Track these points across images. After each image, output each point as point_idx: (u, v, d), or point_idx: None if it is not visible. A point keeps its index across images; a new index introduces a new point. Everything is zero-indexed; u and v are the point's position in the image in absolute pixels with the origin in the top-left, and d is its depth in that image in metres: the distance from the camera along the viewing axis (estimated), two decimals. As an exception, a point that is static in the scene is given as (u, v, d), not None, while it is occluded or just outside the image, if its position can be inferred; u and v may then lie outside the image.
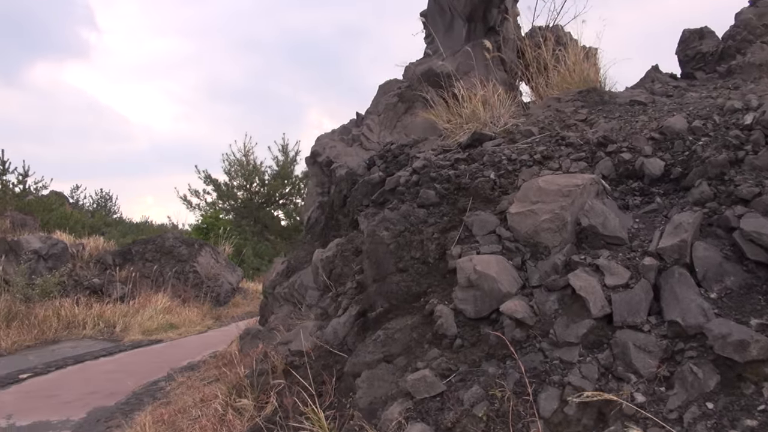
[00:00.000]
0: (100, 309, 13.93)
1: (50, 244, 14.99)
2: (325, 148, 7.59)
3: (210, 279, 17.40)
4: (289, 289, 7.36)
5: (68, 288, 14.32)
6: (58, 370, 9.81)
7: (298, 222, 29.72)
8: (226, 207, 29.63)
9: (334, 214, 7.38)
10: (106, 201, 40.18)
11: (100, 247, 17.23)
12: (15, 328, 12.20)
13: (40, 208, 26.28)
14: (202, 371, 8.43)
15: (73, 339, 12.72)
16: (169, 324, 13.52)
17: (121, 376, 9.00)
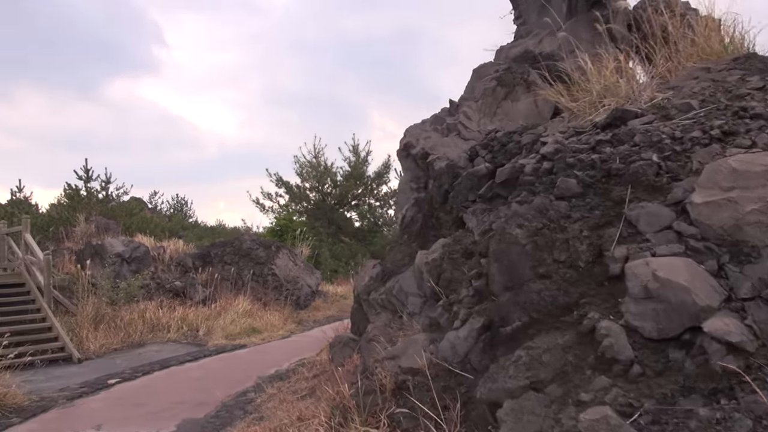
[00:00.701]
0: (183, 312, 13.80)
1: (133, 248, 15.03)
2: (418, 139, 6.92)
3: (289, 281, 17.09)
4: (387, 295, 6.73)
5: (151, 291, 14.28)
6: (145, 375, 9.58)
7: (372, 223, 29.32)
8: (299, 209, 29.54)
9: (434, 212, 6.69)
10: (182, 206, 41.18)
11: (180, 249, 17.24)
12: (102, 331, 12.18)
13: (122, 213, 26.96)
14: (292, 382, 7.93)
15: (158, 342, 12.61)
16: (251, 328, 13.22)
17: (208, 385, 8.63)
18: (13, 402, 7.46)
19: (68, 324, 12.05)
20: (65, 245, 17.13)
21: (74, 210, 26.35)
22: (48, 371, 9.89)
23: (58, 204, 29.92)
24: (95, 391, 8.51)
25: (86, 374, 9.67)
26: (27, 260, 12.83)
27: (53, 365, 10.46)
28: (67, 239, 17.95)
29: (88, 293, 12.86)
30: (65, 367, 10.33)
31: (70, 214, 25.64)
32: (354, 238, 29.74)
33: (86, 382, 9.00)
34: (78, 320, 12.20)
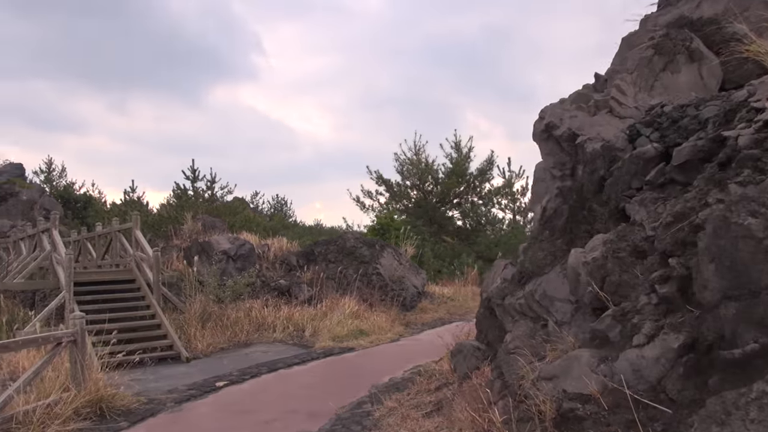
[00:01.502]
0: (289, 311, 13.39)
1: (238, 245, 14.84)
2: (562, 118, 5.90)
3: (394, 281, 16.38)
4: (526, 300, 5.75)
5: (257, 289, 14.00)
6: (253, 378, 9.10)
7: (475, 222, 28.18)
8: (400, 208, 28.90)
9: (585, 203, 5.63)
10: (282, 205, 41.83)
11: (284, 247, 16.96)
12: (209, 330, 11.94)
13: (227, 211, 27.45)
14: (412, 394, 7.10)
15: (264, 342, 12.23)
16: (358, 330, 12.57)
17: (319, 393, 7.98)
18: (121, 404, 7.12)
19: (176, 322, 11.89)
20: (173, 243, 17.33)
21: (182, 209, 27.08)
22: (157, 370, 9.65)
23: (167, 204, 31.07)
24: (203, 394, 8.08)
25: (194, 375, 9.33)
26: (137, 257, 12.86)
27: (162, 364, 10.24)
28: (176, 237, 18.18)
29: (196, 291, 12.71)
30: (174, 367, 10.08)
31: (178, 213, 26.33)
32: (456, 237, 28.74)
33: (194, 384, 8.62)
34: (186, 318, 12.03)
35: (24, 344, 6.17)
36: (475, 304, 18.06)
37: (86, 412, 6.64)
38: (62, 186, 35.45)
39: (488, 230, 28.51)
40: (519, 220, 28.78)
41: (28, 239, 14.50)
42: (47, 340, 6.52)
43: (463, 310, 17.14)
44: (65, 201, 31.39)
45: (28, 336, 6.36)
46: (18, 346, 6.16)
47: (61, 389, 6.79)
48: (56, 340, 6.62)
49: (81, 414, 6.58)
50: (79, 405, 6.57)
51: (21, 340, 6.09)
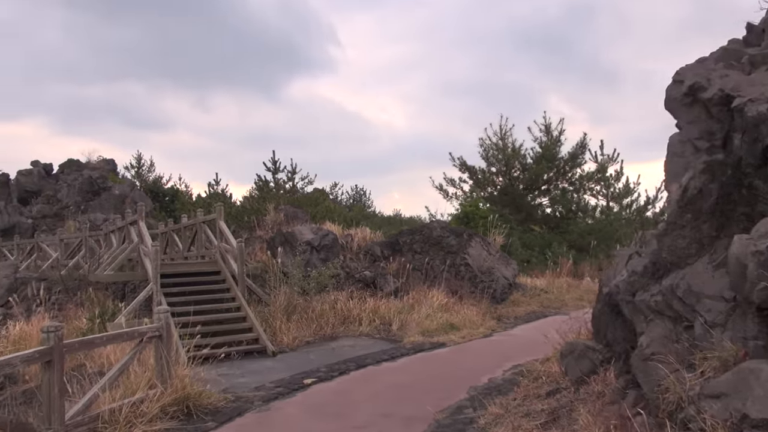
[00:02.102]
0: (374, 304, 12.83)
1: (321, 235, 14.44)
2: (710, 79, 4.93)
3: (483, 272, 15.54)
4: (665, 296, 4.85)
5: (341, 280, 13.54)
6: (342, 375, 8.58)
7: (567, 209, 26.75)
8: (484, 195, 27.86)
9: (743, 179, 4.66)
10: (361, 196, 41.70)
11: (367, 238, 16.44)
12: (295, 322, 11.58)
13: (308, 202, 27.37)
14: (519, 399, 6.33)
15: (350, 336, 11.75)
16: (448, 324, 11.87)
17: (413, 393, 7.34)
18: (208, 402, 6.75)
19: (261, 314, 11.60)
20: (256, 234, 17.22)
21: (264, 200, 27.25)
22: (243, 365, 9.33)
23: (249, 196, 31.46)
24: (291, 392, 7.62)
25: (281, 370, 8.93)
26: (222, 248, 12.68)
27: (248, 358, 9.93)
28: (258, 228, 18.09)
29: (280, 282, 12.39)
30: (260, 361, 9.75)
31: (260, 204, 26.50)
32: (544, 225, 27.44)
33: (281, 381, 8.19)
34: (271, 310, 11.71)
35: (108, 340, 5.88)
36: (571, 296, 17.07)
37: (173, 411, 6.30)
38: (151, 180, 36.66)
39: (579, 218, 27.04)
40: (613, 206, 27.14)
41: (118, 231, 14.69)
42: (131, 335, 6.21)
43: (558, 303, 16.10)
44: (154, 195, 32.36)
45: (112, 332, 6.06)
46: (102, 342, 5.87)
47: (148, 386, 6.49)
48: (140, 335, 6.31)
49: (168, 413, 6.24)
50: (166, 403, 6.23)
51: (105, 336, 5.79)
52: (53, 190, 29.32)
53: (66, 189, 29.07)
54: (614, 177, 26.69)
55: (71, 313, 12.22)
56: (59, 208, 28.48)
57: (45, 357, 4.95)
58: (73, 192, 28.79)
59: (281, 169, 30.98)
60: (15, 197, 28.66)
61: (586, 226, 25.40)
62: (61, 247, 18.67)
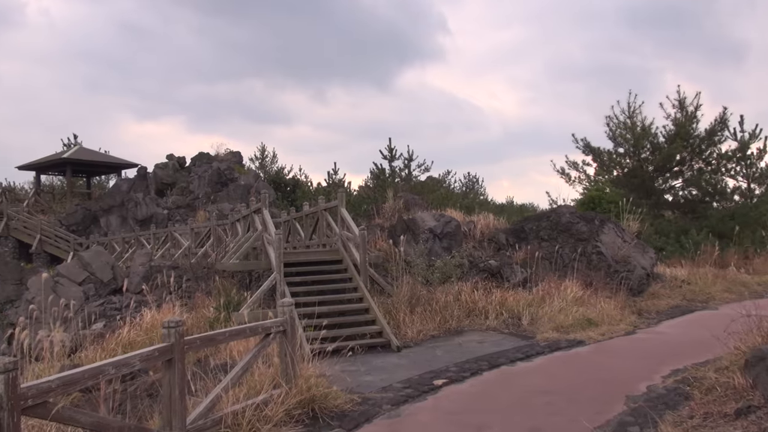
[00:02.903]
0: (501, 296, 12.01)
1: (444, 222, 13.78)
2: None
3: (618, 262, 14.20)
4: None
5: (465, 270, 12.82)
6: (474, 376, 7.89)
7: (704, 192, 24.27)
8: (609, 178, 25.90)
9: None
10: (473, 183, 40.61)
11: (491, 225, 15.59)
12: (418, 315, 11.02)
13: (424, 189, 26.87)
14: (698, 417, 5.31)
15: (477, 330, 11.04)
16: (585, 319, 10.81)
17: (559, 401, 6.51)
18: (334, 405, 6.31)
19: (384, 305, 11.16)
20: (375, 222, 16.89)
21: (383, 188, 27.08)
22: (367, 360, 8.90)
23: (365, 185, 31.46)
24: (421, 394, 7.04)
25: (408, 368, 8.40)
26: (343, 236, 12.37)
27: (371, 352, 9.51)
28: (377, 216, 17.77)
29: (402, 272, 11.89)
30: (384, 356, 9.28)
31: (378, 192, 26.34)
32: (677, 210, 25.10)
33: (410, 381, 7.64)
34: (393, 301, 11.25)
35: (231, 336, 5.59)
36: (717, 288, 15.23)
37: (298, 414, 5.92)
38: (274, 171, 37.76)
39: (717, 201, 24.46)
40: (754, 188, 24.26)
41: (243, 220, 14.88)
42: (255, 330, 5.89)
43: (704, 297, 14.47)
44: (276, 185, 33.24)
45: (235, 327, 5.77)
46: (225, 338, 5.58)
47: (272, 385, 6.16)
48: (264, 330, 5.98)
49: (293, 416, 5.87)
50: (291, 405, 5.86)
51: (227, 332, 5.50)
52: (186, 182, 30.91)
53: (197, 180, 30.53)
54: (756, 156, 23.84)
55: (199, 302, 12.44)
56: (191, 198, 29.96)
57: (165, 355, 4.68)
58: (203, 183, 30.17)
59: (397, 156, 30.75)
60: (152, 189, 30.51)
61: (726, 210, 22.86)
62: (192, 236, 19.42)
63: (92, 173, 35.84)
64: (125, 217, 28.06)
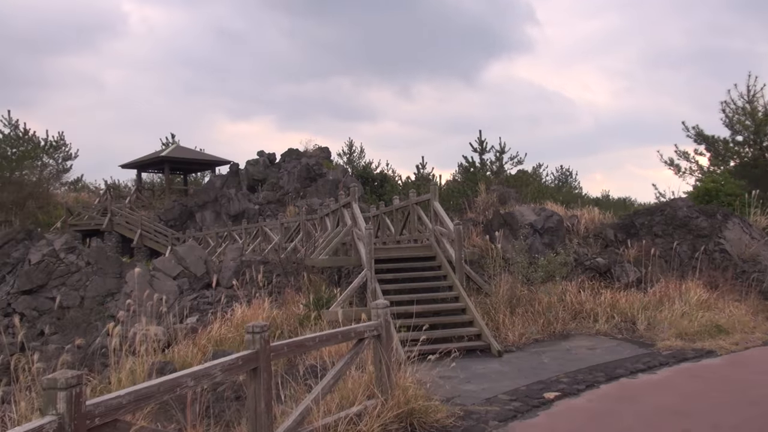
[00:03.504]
0: (611, 297, 10.91)
1: (545, 217, 12.76)
2: None
3: (746, 261, 12.63)
4: None
5: (569, 268, 11.76)
6: (589, 389, 6.97)
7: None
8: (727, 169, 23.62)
9: None
10: (567, 177, 38.72)
11: (595, 219, 14.37)
12: (519, 316, 10.16)
13: (517, 183, 25.70)
14: None
15: (585, 334, 10.03)
16: (714, 326, 9.54)
17: (700, 428, 5.51)
18: (435, 419, 5.62)
19: (481, 305, 10.37)
20: (467, 216, 16.07)
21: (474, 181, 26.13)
22: (466, 365, 8.14)
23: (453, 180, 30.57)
24: (531, 409, 6.22)
25: (512, 376, 7.59)
26: (437, 231, 11.65)
27: (470, 356, 8.75)
28: (469, 210, 16.96)
29: (501, 270, 11.03)
30: (484, 361, 8.50)
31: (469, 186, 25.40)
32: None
33: (516, 392, 6.84)
34: (492, 301, 10.42)
35: (321, 342, 5.01)
36: None
37: (395, 429, 5.28)
38: (361, 166, 37.57)
39: None
40: None
41: (332, 215, 14.48)
42: (347, 335, 5.30)
43: None
44: (364, 180, 33.00)
45: (326, 332, 5.19)
46: (315, 344, 5.01)
47: (366, 395, 5.56)
48: (357, 335, 5.38)
49: (389, 430, 5.23)
50: (387, 419, 5.23)
51: (318, 338, 4.92)
52: (276, 178, 31.23)
53: (286, 176, 30.76)
54: None
55: (289, 298, 12.13)
56: (281, 194, 30.22)
57: (249, 364, 4.16)
58: (292, 179, 30.35)
59: (488, 149, 29.63)
60: (244, 185, 31.03)
61: None
62: (282, 231, 19.33)
63: (188, 170, 37.05)
64: (219, 212, 28.65)
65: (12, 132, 28.77)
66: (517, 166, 29.10)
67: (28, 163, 27.93)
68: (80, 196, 32.32)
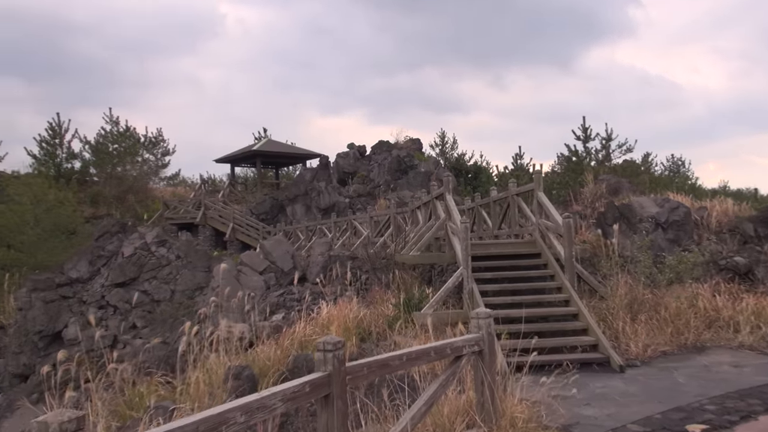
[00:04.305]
0: (755, 303, 9.19)
1: (669, 209, 11.10)
2: None
3: None
4: None
5: (702, 269, 10.10)
6: (745, 421, 5.54)
7: None
8: None
9: None
10: (678, 167, 35.55)
11: (729, 211, 12.45)
12: (642, 324, 8.70)
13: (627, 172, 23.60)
14: None
15: (724, 347, 8.44)
16: None
17: None
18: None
19: (596, 310, 8.99)
20: (573, 209, 14.54)
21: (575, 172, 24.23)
22: (582, 382, 6.86)
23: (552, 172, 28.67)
24: (677, 448, 4.93)
25: (641, 399, 6.26)
26: (542, 225, 10.35)
27: (585, 370, 7.45)
28: (575, 202, 15.41)
29: (617, 269, 9.58)
30: (604, 378, 7.18)
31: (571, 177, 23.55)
32: None
33: (649, 421, 5.53)
34: (608, 306, 9.02)
35: (409, 361, 3.99)
36: None
37: (502, 472, 4.18)
38: (454, 158, 36.29)
39: None
40: None
41: (423, 207, 13.45)
42: (442, 352, 4.25)
43: None
44: (457, 171, 31.76)
45: (415, 349, 4.13)
46: (401, 363, 3.98)
47: (465, 422, 4.49)
48: (454, 351, 4.32)
49: (495, 473, 4.14)
50: (492, 460, 4.14)
51: (404, 355, 3.91)
52: (366, 170, 30.64)
53: (377, 168, 30.07)
54: None
55: (378, 296, 11.23)
56: (371, 187, 29.59)
57: (320, 390, 3.22)
58: (383, 171, 29.62)
59: (592, 137, 27.54)
60: (335, 178, 30.66)
61: None
62: (371, 225, 18.54)
63: (280, 164, 37.24)
64: (309, 205, 28.38)
65: (113, 128, 29.87)
66: (625, 155, 26.85)
67: (129, 158, 28.84)
68: (177, 191, 33.16)
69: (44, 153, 27.84)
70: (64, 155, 28.51)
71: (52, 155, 28.06)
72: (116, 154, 28.32)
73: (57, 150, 28.32)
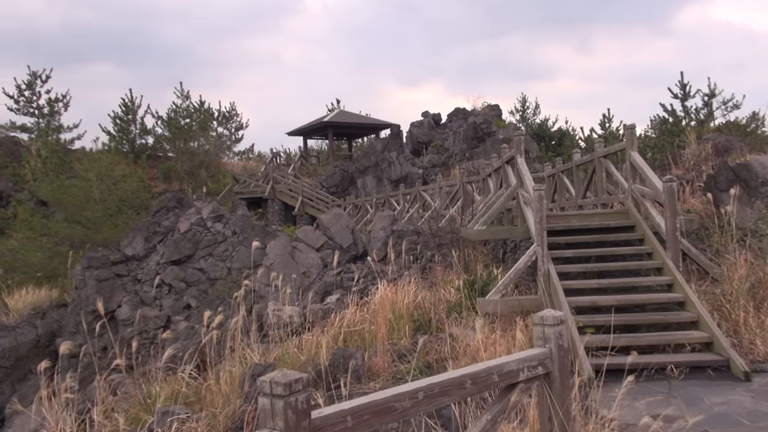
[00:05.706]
0: None
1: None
2: None
3: None
4: None
5: None
6: None
7: None
8: None
9: None
10: (792, 127, 31.56)
11: None
12: (767, 313, 6.84)
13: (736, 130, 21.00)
14: None
15: None
16: None
17: None
18: None
19: (708, 297, 7.20)
20: (673, 172, 12.49)
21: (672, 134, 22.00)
22: (693, 394, 5.24)
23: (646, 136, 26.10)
24: None
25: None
26: (636, 191, 8.54)
27: (696, 375, 5.80)
28: (675, 166, 13.32)
29: (735, 245, 7.69)
30: (723, 388, 5.48)
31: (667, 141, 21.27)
32: None
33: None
34: (724, 292, 7.18)
35: (426, 399, 2.51)
36: None
37: None
38: (536, 124, 33.98)
39: None
40: None
41: (495, 174, 11.84)
42: (485, 381, 2.80)
43: None
44: (539, 138, 29.60)
45: (436, 380, 2.67)
46: (415, 404, 2.52)
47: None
48: (504, 378, 2.87)
49: None
50: None
51: (419, 391, 2.50)
52: (441, 139, 29.06)
53: (452, 137, 28.42)
54: None
55: (441, 277, 9.84)
56: (446, 156, 28.02)
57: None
58: (458, 140, 27.96)
59: (691, 94, 24.60)
60: (408, 148, 29.28)
61: None
62: (441, 196, 17.06)
63: (352, 135, 36.18)
64: (380, 177, 27.17)
65: (183, 103, 29.73)
66: (731, 112, 23.77)
67: (203, 132, 28.63)
68: (249, 165, 32.81)
69: (118, 129, 28.06)
70: (138, 131, 28.65)
71: (126, 131, 28.24)
72: (188, 129, 28.13)
73: (130, 126, 28.49)
